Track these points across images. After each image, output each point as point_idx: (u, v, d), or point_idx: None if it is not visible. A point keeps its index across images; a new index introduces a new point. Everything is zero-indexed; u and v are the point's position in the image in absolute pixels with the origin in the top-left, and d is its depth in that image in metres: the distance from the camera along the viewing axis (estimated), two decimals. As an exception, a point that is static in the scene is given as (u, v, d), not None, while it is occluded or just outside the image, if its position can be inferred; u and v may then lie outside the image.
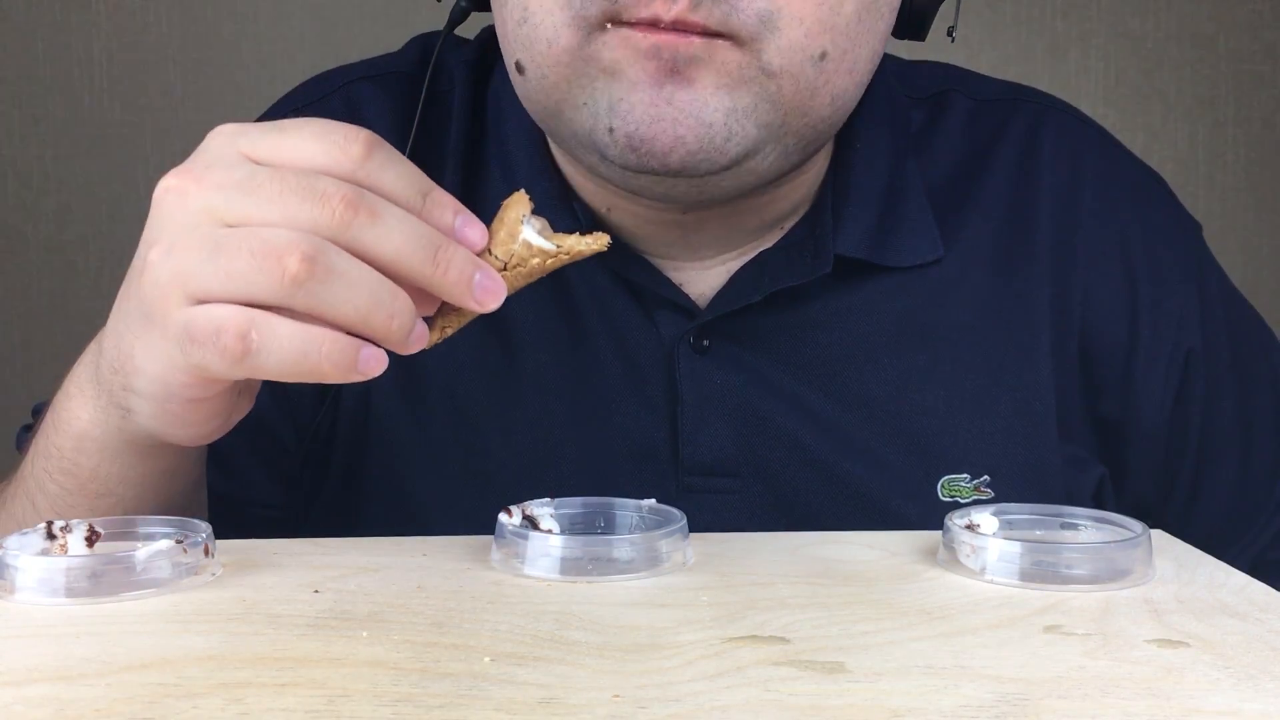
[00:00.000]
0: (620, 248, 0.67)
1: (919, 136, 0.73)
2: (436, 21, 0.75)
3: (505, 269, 0.51)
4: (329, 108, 0.72)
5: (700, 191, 0.61)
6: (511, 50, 0.60)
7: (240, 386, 0.55)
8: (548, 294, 0.68)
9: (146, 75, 1.77)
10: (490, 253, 0.51)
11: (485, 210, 0.69)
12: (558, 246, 0.51)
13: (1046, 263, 0.70)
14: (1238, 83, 1.82)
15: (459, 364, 0.68)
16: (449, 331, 0.52)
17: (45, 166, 1.81)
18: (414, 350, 0.49)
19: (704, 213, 0.65)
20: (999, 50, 1.80)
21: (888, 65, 0.73)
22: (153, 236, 0.50)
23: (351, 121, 0.53)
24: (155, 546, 0.47)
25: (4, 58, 1.78)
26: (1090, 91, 1.80)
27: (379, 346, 0.48)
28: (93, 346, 0.57)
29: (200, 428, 0.54)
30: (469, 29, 0.73)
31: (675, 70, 0.56)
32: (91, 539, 0.50)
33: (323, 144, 0.49)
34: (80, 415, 0.56)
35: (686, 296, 0.67)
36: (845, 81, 0.60)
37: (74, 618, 0.44)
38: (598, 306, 0.68)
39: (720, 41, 0.56)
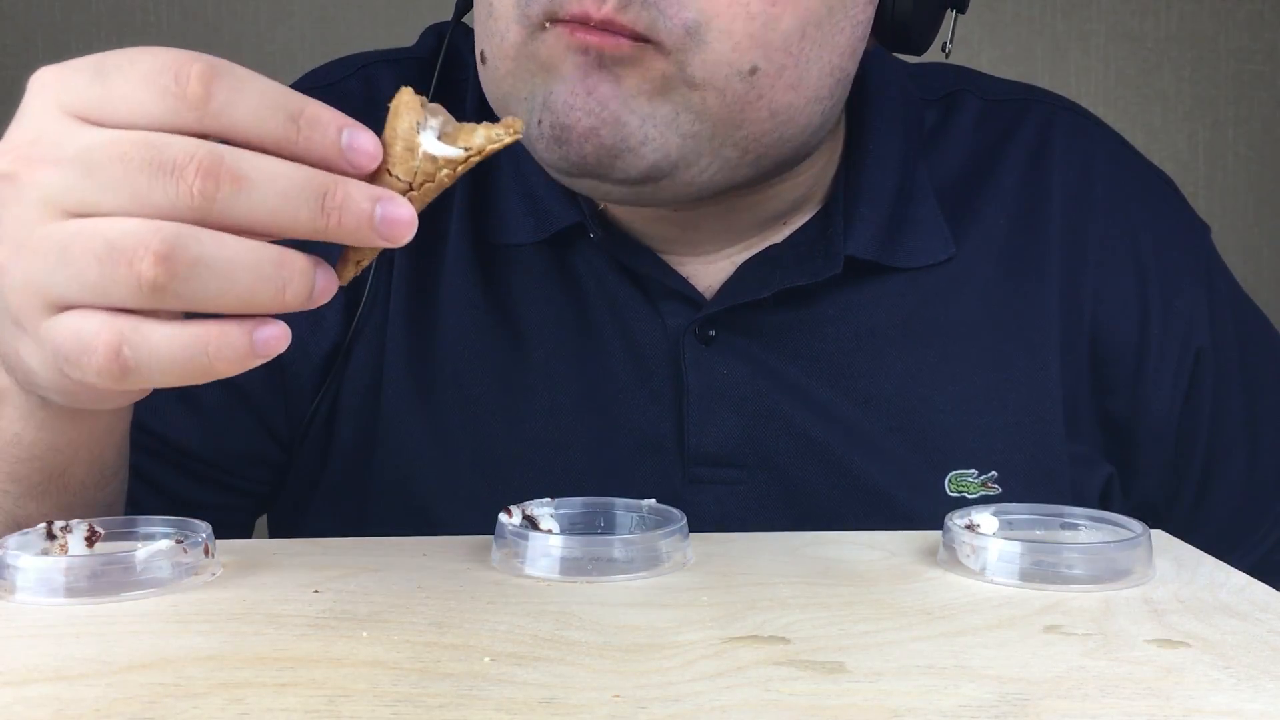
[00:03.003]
0: (625, 239, 0.68)
1: (930, 137, 0.73)
2: (437, 19, 0.76)
3: (411, 189, 0.43)
4: (347, 89, 0.73)
5: (639, 198, 0.61)
6: (479, 40, 0.62)
7: None
8: (554, 285, 0.69)
9: (146, 75, 1.77)
10: (390, 174, 0.43)
11: (495, 199, 0.70)
12: (466, 150, 0.44)
13: (1057, 262, 0.70)
14: (1238, 83, 1.82)
15: (468, 354, 0.68)
16: (365, 262, 0.45)
17: (45, 166, 1.81)
18: (324, 302, 0.43)
19: (694, 210, 0.65)
20: (999, 50, 1.80)
21: (899, 67, 0.73)
22: None
23: (369, 105, 0.50)
24: (155, 546, 0.47)
25: (4, 58, 1.78)
26: (1090, 91, 1.80)
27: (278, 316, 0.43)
28: None
29: (118, 400, 0.51)
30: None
31: (601, 65, 0.57)
32: (91, 539, 0.50)
33: (154, 91, 0.41)
34: None
35: (693, 287, 0.68)
36: (789, 97, 0.59)
37: (74, 618, 0.44)
38: (604, 297, 0.68)
39: (648, 47, 0.56)
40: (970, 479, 0.67)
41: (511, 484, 0.52)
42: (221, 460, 0.71)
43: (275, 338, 0.42)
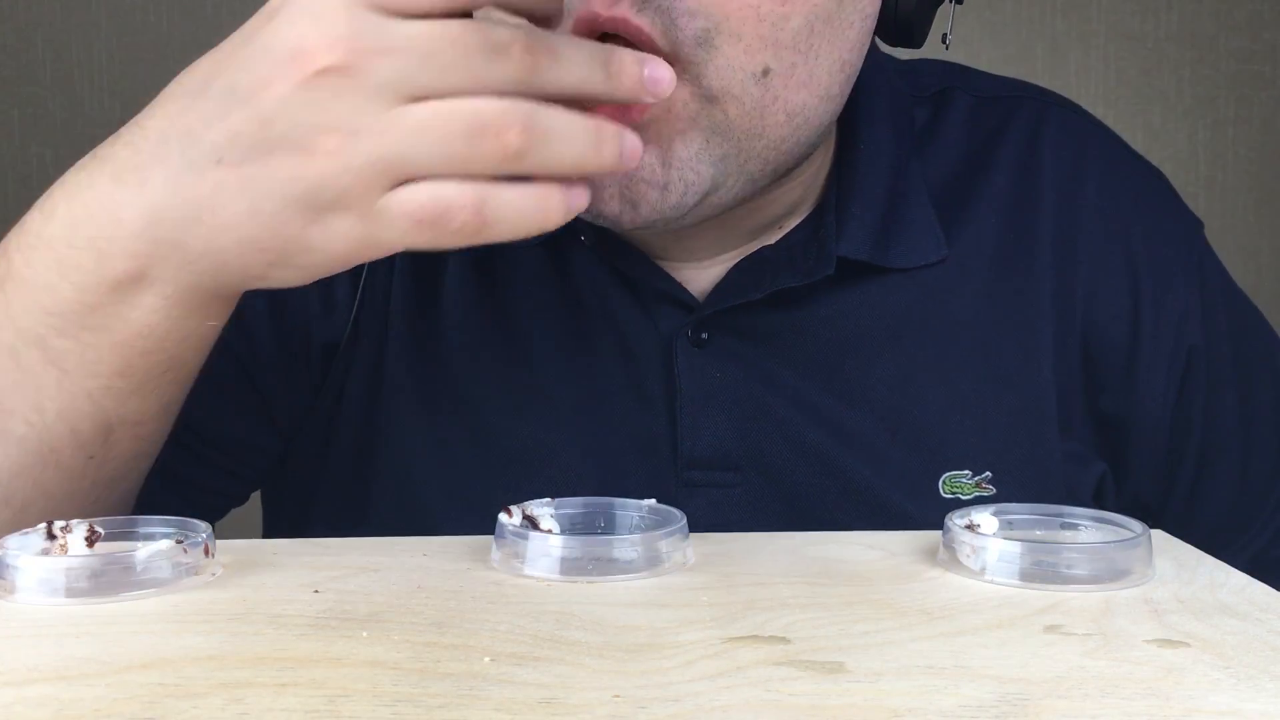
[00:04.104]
0: (618, 244, 0.68)
1: (922, 135, 0.73)
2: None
3: None
4: None
5: (667, 229, 0.62)
6: None
7: None
8: (551, 287, 0.69)
9: (146, 75, 1.77)
10: None
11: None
12: None
13: (1048, 259, 0.70)
14: (1238, 83, 1.82)
15: (468, 356, 0.69)
16: None
17: (45, 166, 1.81)
18: (631, 166, 0.50)
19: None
20: (999, 50, 1.80)
21: (889, 64, 0.73)
22: (321, 122, 0.47)
23: None
24: (155, 546, 0.47)
25: (4, 58, 1.78)
26: (1090, 91, 1.80)
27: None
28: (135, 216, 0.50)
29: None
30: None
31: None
32: (91, 539, 0.50)
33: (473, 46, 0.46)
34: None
35: (685, 291, 0.67)
36: (801, 95, 0.59)
37: (74, 618, 0.44)
38: (597, 301, 0.68)
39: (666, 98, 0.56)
40: (964, 480, 0.67)
41: (509, 487, 0.52)
42: (217, 438, 0.71)
43: (581, 196, 0.50)
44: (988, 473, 0.67)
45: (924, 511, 0.64)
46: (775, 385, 0.67)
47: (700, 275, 0.68)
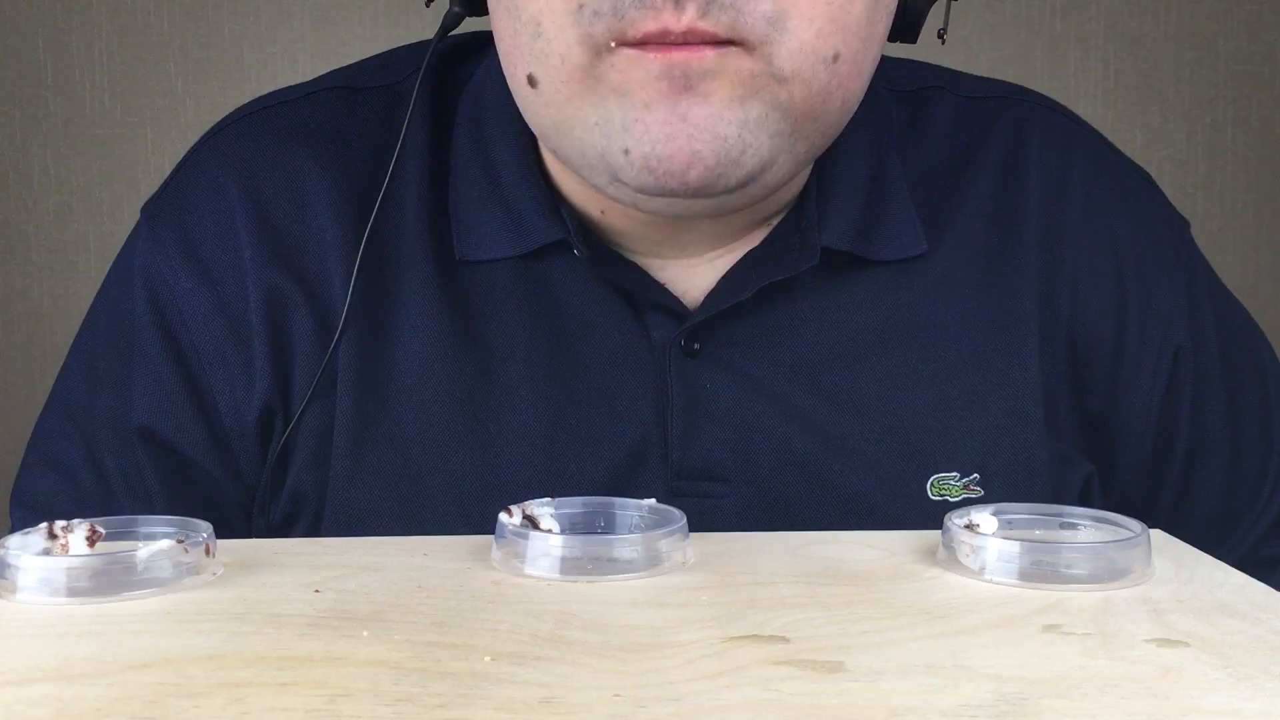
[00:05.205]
0: (610, 253, 0.67)
1: (903, 132, 0.73)
2: (434, 21, 0.76)
3: None
4: (276, 179, 0.69)
5: (717, 209, 0.61)
6: (523, 62, 0.59)
7: None
8: (528, 301, 0.68)
9: (147, 75, 1.77)
10: None
11: (466, 214, 0.68)
12: None
13: (1034, 261, 0.70)
14: (1238, 83, 1.82)
15: (434, 380, 0.67)
16: None
17: (45, 166, 1.81)
18: None
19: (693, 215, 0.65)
20: (999, 50, 1.80)
21: None
22: None
23: (297, 193, 0.47)
24: (156, 546, 0.47)
25: (4, 58, 1.78)
26: (1090, 91, 1.80)
27: None
28: None
29: None
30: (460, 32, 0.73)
31: (689, 86, 0.55)
32: (92, 539, 0.50)
33: None
34: None
35: (676, 299, 0.67)
36: (855, 84, 0.60)
37: (75, 617, 0.44)
38: (585, 312, 0.67)
39: (732, 48, 0.55)
40: (952, 482, 0.67)
41: (499, 497, 0.52)
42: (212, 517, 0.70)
43: None
44: (975, 474, 0.67)
45: (913, 516, 0.64)
46: (764, 393, 0.67)
47: (690, 279, 0.68)
